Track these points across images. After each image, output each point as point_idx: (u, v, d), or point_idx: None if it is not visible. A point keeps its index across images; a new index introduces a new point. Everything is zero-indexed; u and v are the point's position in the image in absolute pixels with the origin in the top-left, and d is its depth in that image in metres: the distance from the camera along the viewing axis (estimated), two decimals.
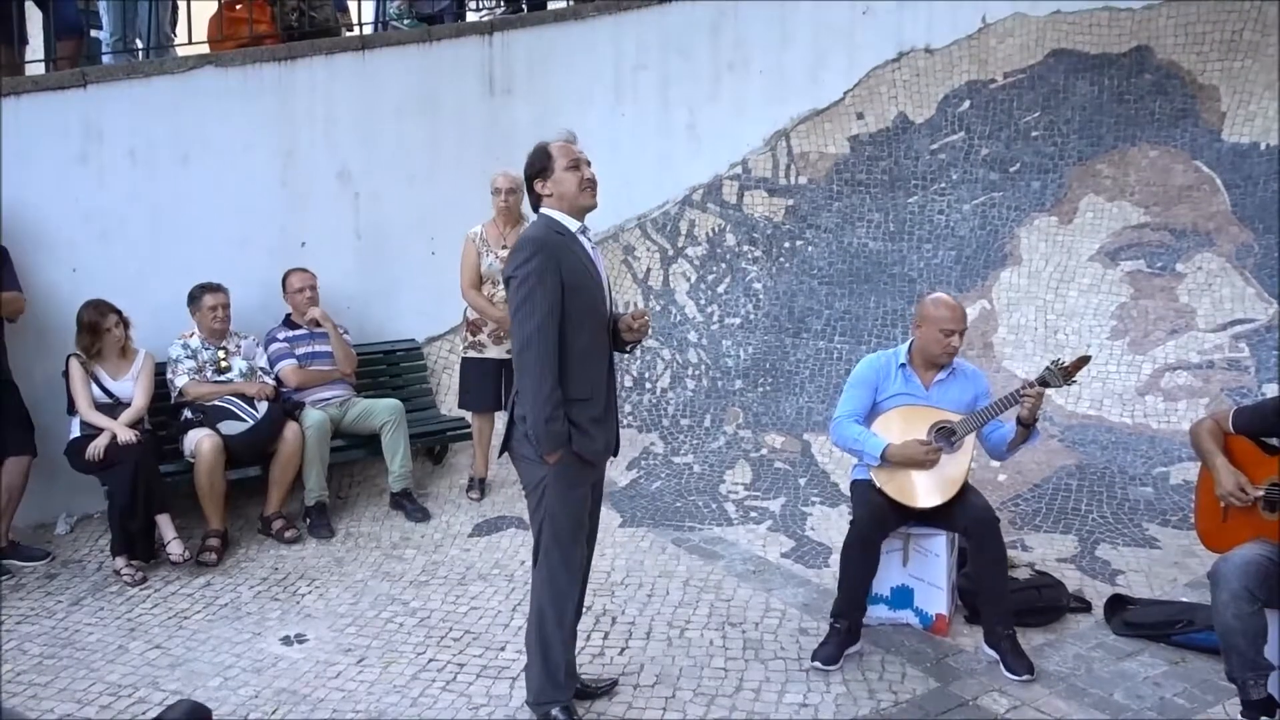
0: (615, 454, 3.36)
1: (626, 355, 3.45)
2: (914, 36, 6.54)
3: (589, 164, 3.19)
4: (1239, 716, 3.08)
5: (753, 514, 5.17)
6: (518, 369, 3.05)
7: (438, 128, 6.31)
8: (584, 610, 4.07)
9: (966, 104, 6.42)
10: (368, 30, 6.93)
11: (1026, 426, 3.66)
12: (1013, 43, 6.39)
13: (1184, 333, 5.54)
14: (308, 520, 5.07)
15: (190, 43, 6.07)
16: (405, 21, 6.85)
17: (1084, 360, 3.62)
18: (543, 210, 3.18)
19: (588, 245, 3.17)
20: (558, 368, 2.99)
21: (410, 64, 6.23)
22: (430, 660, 3.78)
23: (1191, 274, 5.68)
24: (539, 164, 3.16)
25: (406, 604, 4.28)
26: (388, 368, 6.06)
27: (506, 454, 3.23)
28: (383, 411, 5.26)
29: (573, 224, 3.14)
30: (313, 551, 4.86)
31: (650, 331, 3.22)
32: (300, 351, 5.31)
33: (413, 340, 6.23)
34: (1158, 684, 3.45)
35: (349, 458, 5.41)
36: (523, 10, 7.14)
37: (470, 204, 5.76)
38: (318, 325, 5.35)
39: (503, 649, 3.84)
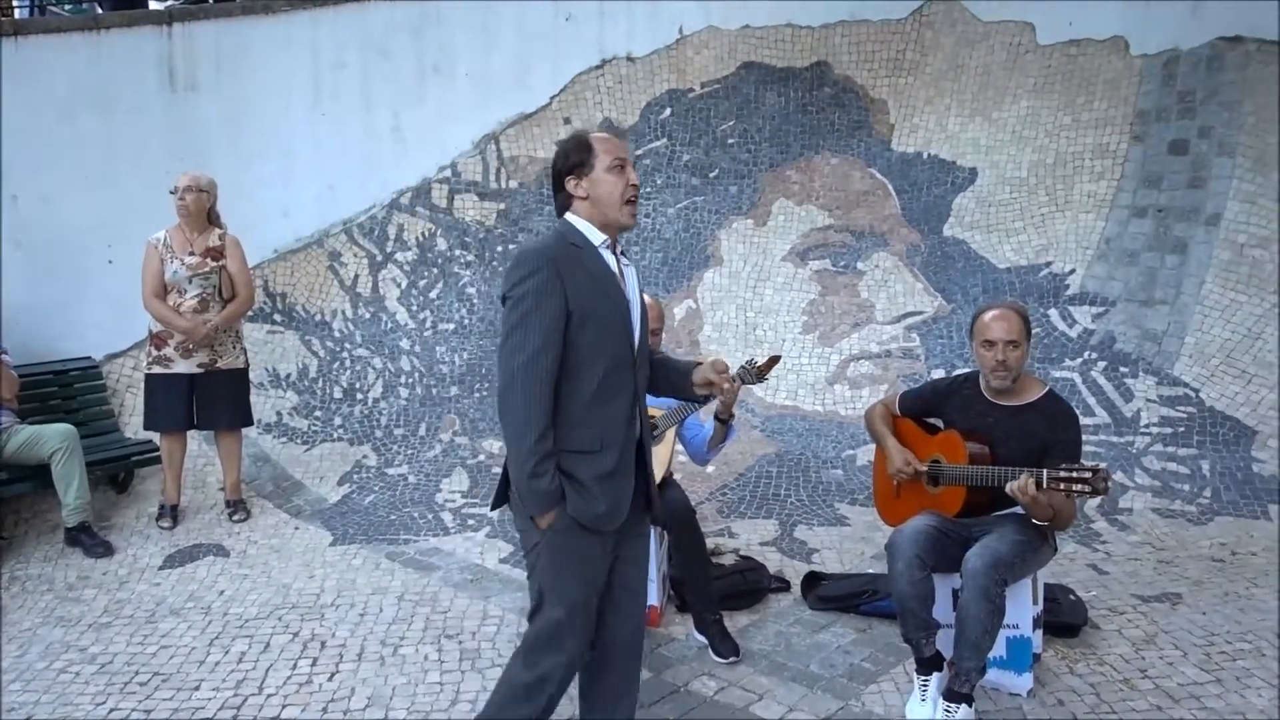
0: (656, 520, 2.71)
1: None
2: (615, 45, 6.72)
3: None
4: (914, 673, 3.36)
5: (470, 521, 5.09)
6: (498, 412, 2.51)
7: (112, 125, 5.79)
8: (296, 636, 3.90)
9: (668, 111, 6.67)
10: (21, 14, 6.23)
11: (724, 422, 3.83)
12: (708, 54, 6.71)
13: (865, 325, 6.03)
14: None
15: None
16: (66, 6, 6.21)
17: (775, 360, 3.83)
18: (567, 215, 2.58)
19: (612, 262, 2.56)
20: (550, 412, 2.44)
21: (76, 54, 5.67)
22: (111, 710, 3.41)
23: (870, 271, 6.20)
24: (576, 157, 2.54)
25: (84, 650, 3.85)
26: (59, 389, 5.47)
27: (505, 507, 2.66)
28: (52, 438, 4.73)
29: (597, 236, 2.54)
30: None
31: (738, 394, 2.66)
32: None
33: (89, 358, 5.65)
34: (848, 651, 3.72)
35: (13, 492, 4.82)
36: (206, 1, 6.67)
37: (153, 208, 5.29)
38: None
39: (197, 688, 3.54)
